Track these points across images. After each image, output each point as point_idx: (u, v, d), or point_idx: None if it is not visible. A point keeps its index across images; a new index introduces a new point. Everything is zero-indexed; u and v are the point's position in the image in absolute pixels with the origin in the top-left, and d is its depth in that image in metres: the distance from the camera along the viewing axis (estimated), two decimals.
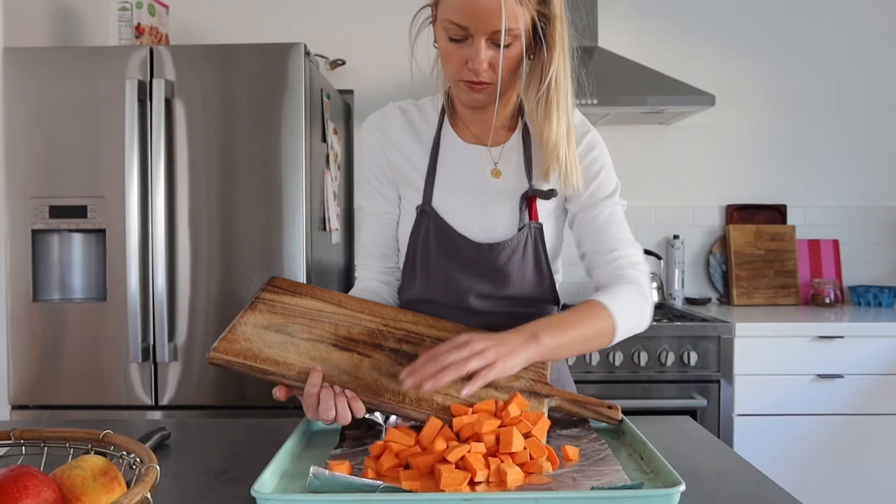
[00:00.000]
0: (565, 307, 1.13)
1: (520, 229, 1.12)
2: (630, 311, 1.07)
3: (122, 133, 2.11)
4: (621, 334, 1.06)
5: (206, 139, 2.15)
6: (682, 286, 2.90)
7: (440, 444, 0.88)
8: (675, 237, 2.92)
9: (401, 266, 1.21)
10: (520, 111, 1.17)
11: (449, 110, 1.19)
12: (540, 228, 1.14)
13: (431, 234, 1.12)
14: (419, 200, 1.15)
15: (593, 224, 1.13)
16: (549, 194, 1.12)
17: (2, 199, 2.17)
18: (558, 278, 1.21)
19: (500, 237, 1.12)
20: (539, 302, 1.17)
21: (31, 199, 2.16)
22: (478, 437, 0.88)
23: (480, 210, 1.12)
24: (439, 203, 1.13)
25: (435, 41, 1.11)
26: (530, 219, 1.13)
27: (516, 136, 1.16)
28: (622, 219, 1.14)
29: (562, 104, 1.05)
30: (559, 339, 0.98)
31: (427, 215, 1.13)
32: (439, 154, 1.15)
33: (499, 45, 1.01)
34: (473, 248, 1.12)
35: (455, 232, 1.12)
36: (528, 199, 1.12)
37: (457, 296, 1.13)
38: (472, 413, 0.92)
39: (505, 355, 0.91)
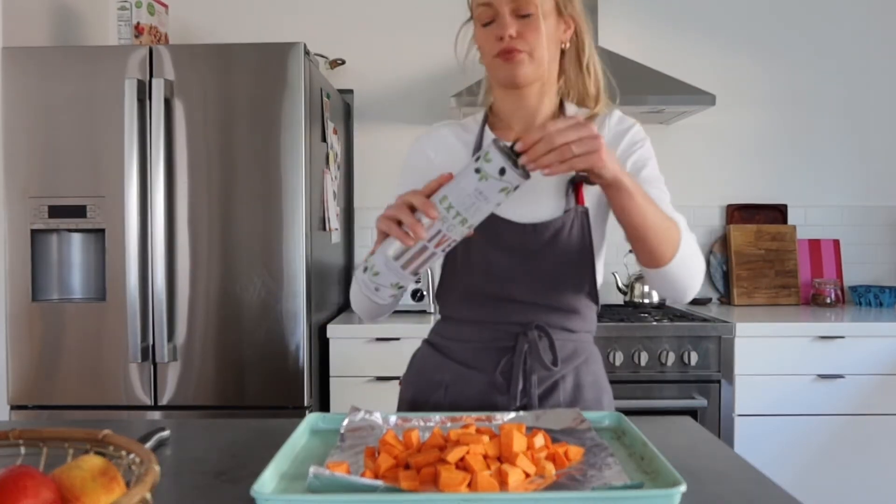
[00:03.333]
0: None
1: (565, 212, 1.13)
2: (692, 247, 1.08)
3: (122, 133, 2.11)
4: (681, 256, 1.05)
5: (205, 139, 2.15)
6: None
7: (439, 444, 0.88)
8: None
9: (439, 267, 1.22)
10: (560, 109, 1.20)
11: (492, 120, 1.22)
12: (586, 212, 1.14)
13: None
14: None
15: None
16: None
17: (1, 198, 2.17)
18: (599, 279, 1.18)
19: (543, 219, 1.12)
20: (579, 295, 1.16)
21: (30, 198, 2.16)
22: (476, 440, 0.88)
23: (522, 195, 1.09)
24: None
25: (481, 58, 1.17)
26: (577, 203, 1.13)
27: None
28: (667, 200, 1.14)
29: (593, 66, 1.16)
30: (640, 192, 0.99)
31: None
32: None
33: (523, 16, 1.07)
34: (516, 231, 1.12)
35: (496, 217, 1.10)
36: (576, 185, 1.14)
37: (498, 284, 1.13)
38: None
39: (607, 153, 0.92)
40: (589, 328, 1.21)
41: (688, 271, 1.07)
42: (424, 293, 2.56)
